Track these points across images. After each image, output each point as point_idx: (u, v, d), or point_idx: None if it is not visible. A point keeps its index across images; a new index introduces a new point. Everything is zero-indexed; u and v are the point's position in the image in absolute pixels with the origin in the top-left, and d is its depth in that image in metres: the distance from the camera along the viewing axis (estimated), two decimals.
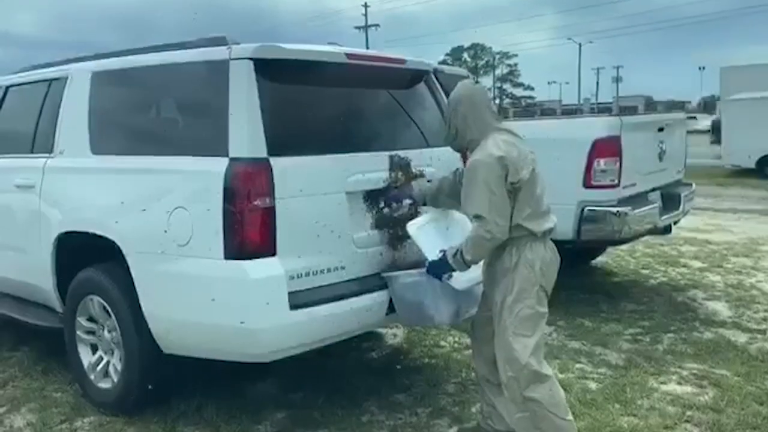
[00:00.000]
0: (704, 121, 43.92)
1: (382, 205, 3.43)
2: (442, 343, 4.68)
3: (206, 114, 3.29)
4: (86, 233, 3.56)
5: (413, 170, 3.52)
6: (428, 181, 3.50)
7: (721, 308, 5.45)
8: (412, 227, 3.30)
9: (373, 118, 3.73)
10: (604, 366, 4.23)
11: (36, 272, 3.98)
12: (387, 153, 3.47)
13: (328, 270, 3.21)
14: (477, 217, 2.91)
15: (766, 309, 5.38)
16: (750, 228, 9.14)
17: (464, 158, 3.11)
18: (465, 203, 3.02)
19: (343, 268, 3.27)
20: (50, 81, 4.15)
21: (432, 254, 3.14)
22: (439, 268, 3.09)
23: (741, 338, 4.70)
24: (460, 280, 3.15)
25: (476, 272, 3.17)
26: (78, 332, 3.75)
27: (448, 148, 3.29)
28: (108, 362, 3.65)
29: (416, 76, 3.94)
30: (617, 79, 73.56)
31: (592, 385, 3.92)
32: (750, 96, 15.85)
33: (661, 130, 5.71)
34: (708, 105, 44.10)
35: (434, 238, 3.26)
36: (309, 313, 3.02)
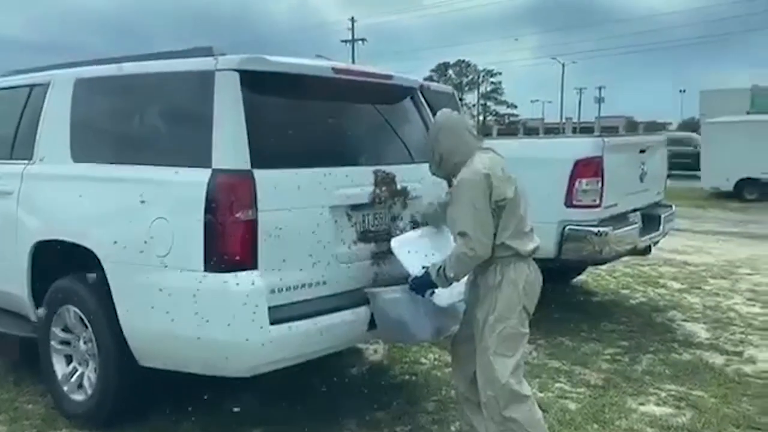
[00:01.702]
0: None
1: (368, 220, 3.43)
2: (423, 360, 4.66)
3: (190, 124, 3.27)
4: (64, 242, 3.50)
5: (398, 186, 3.53)
6: (429, 204, 3.50)
7: (699, 330, 5.50)
8: (395, 243, 3.30)
9: (359, 132, 3.73)
10: (583, 386, 4.23)
11: (11, 280, 3.90)
12: (371, 168, 3.47)
13: (310, 285, 3.19)
14: (461, 234, 2.92)
15: (743, 331, 5.44)
16: (728, 250, 9.26)
17: (450, 185, 3.13)
18: (450, 220, 3.04)
19: (324, 283, 3.24)
20: (32, 86, 4.09)
21: (415, 270, 3.14)
22: (422, 285, 3.09)
23: (718, 360, 4.74)
24: (443, 297, 3.14)
25: (459, 289, 3.17)
26: (52, 342, 3.68)
27: None
28: (82, 374, 3.58)
29: (402, 92, 3.95)
30: (599, 99, 74.39)
31: (571, 405, 3.92)
32: (729, 119, 16.14)
33: (642, 151, 5.78)
34: (688, 127, 44.75)
35: (417, 254, 3.26)
36: (289, 328, 2.98)
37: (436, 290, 3.09)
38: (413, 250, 3.28)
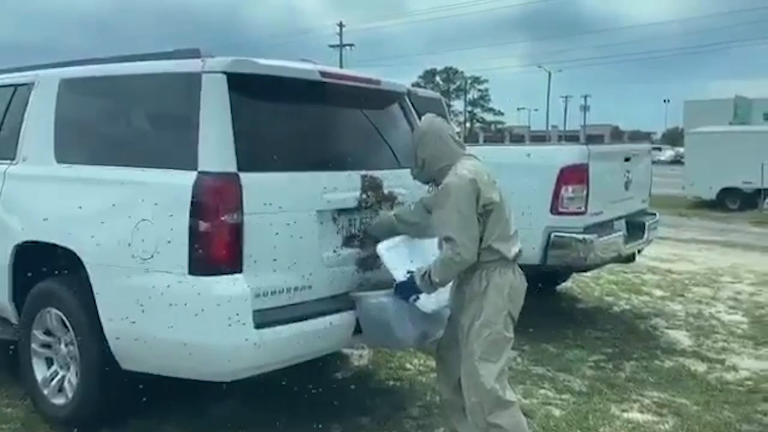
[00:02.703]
0: (668, 152, 45.12)
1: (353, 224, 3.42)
2: (408, 365, 4.65)
3: (176, 126, 3.25)
4: (47, 243, 3.46)
5: (384, 191, 3.52)
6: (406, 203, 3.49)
7: (682, 337, 5.54)
8: (381, 248, 3.29)
9: (346, 137, 3.72)
10: (567, 392, 4.25)
11: None
12: (358, 172, 3.47)
13: (295, 289, 3.17)
14: (447, 239, 2.92)
15: (725, 339, 5.49)
16: (710, 258, 9.35)
17: (437, 185, 3.13)
18: (436, 225, 3.04)
19: (310, 287, 3.23)
20: (16, 86, 4.05)
21: (400, 275, 3.14)
22: (407, 290, 3.08)
23: (701, 367, 4.77)
24: (428, 303, 3.14)
25: (444, 295, 3.17)
26: (33, 345, 3.63)
27: None
28: (63, 377, 3.53)
29: (390, 97, 3.95)
30: (585, 108, 75.06)
31: (556, 412, 3.93)
32: (712, 129, 16.34)
33: (627, 159, 5.82)
34: (672, 136, 45.23)
35: (403, 259, 3.25)
36: (274, 332, 2.96)
37: (420, 296, 3.09)
38: (399, 255, 3.27)
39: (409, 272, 3.10)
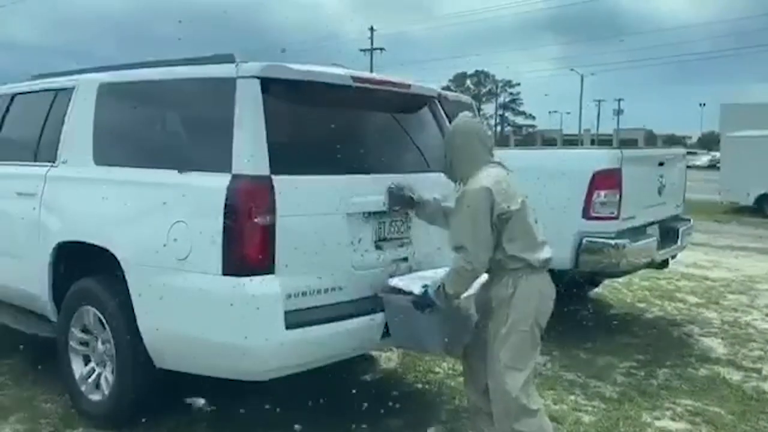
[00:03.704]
0: (704, 157, 44.23)
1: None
2: (437, 369, 4.65)
3: (211, 130, 3.31)
4: (85, 243, 3.55)
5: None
6: (434, 198, 3.50)
7: (717, 345, 5.44)
8: (392, 280, 3.35)
9: (377, 141, 3.75)
10: (597, 398, 4.20)
11: (32, 280, 3.96)
12: (389, 176, 3.49)
13: (326, 290, 3.21)
14: (459, 248, 2.95)
15: (762, 348, 5.37)
16: (747, 265, 9.15)
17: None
18: (451, 232, 3.06)
19: (340, 288, 3.26)
20: (57, 90, 4.17)
21: (416, 289, 3.17)
22: (423, 302, 3.10)
23: (736, 376, 4.68)
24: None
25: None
26: (71, 343, 3.72)
27: None
28: (100, 374, 3.62)
29: (421, 101, 3.97)
30: (618, 112, 74.06)
31: (586, 418, 3.89)
32: (749, 134, 15.96)
33: (661, 164, 5.74)
34: (707, 141, 44.33)
35: (415, 280, 3.29)
36: (304, 333, 3.01)
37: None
38: (412, 278, 3.33)
39: (424, 286, 3.13)
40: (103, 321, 3.51)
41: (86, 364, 3.70)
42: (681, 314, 6.46)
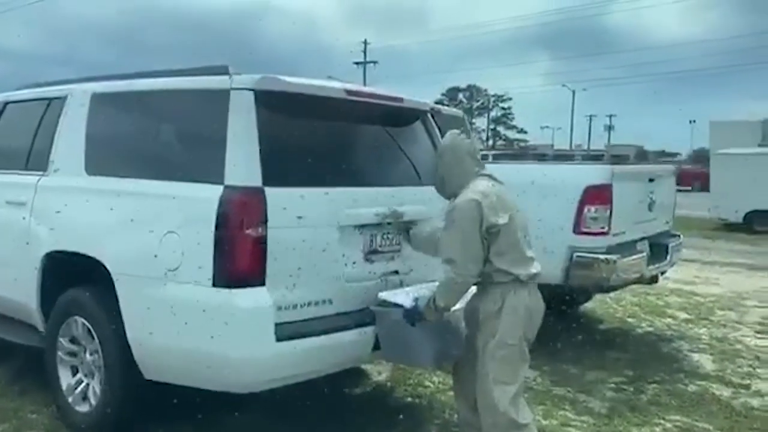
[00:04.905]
0: None
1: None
2: (427, 382, 4.64)
3: (204, 141, 3.31)
4: (75, 253, 3.53)
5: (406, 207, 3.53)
6: (422, 223, 3.52)
7: (706, 361, 5.45)
8: (382, 294, 3.34)
9: (369, 154, 3.76)
10: (587, 414, 4.20)
11: (20, 289, 3.93)
12: (381, 189, 3.49)
13: (317, 303, 3.21)
14: (448, 261, 2.96)
15: (751, 364, 5.39)
16: (736, 282, 9.19)
17: None
18: (440, 246, 3.08)
19: (331, 301, 3.26)
20: (50, 99, 4.16)
21: (407, 302, 3.17)
22: (413, 315, 3.10)
23: (725, 392, 4.70)
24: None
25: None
26: (59, 353, 3.69)
27: None
28: (87, 385, 3.59)
29: (413, 114, 3.99)
30: (609, 127, 74.49)
31: None
32: (738, 151, 16.10)
33: (651, 180, 5.79)
34: (698, 157, 44.66)
35: (406, 294, 3.29)
36: (295, 345, 3.00)
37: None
38: (403, 292, 3.32)
39: (415, 299, 3.14)
40: (92, 331, 3.48)
41: (74, 375, 3.67)
42: (670, 330, 6.48)
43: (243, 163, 3.03)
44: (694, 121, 75.73)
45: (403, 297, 3.24)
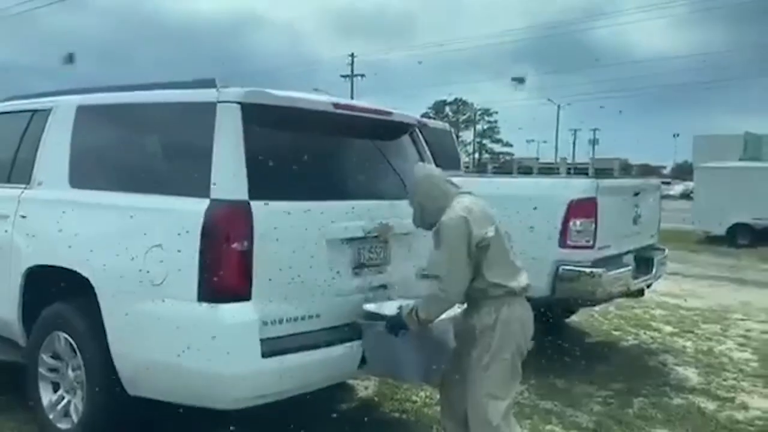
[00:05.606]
0: (677, 187, 44.95)
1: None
2: (414, 397, 4.61)
3: (190, 154, 3.29)
4: (58, 267, 3.49)
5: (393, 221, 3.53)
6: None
7: (692, 374, 5.48)
8: (367, 306, 3.34)
9: (357, 167, 3.75)
10: (574, 428, 4.20)
11: (1, 304, 3.87)
12: (368, 202, 3.49)
13: (303, 317, 3.18)
14: (435, 277, 2.96)
15: (735, 377, 5.42)
16: (720, 295, 9.27)
17: None
18: (428, 264, 3.09)
19: (318, 316, 3.24)
20: (34, 112, 4.12)
21: (390, 312, 3.17)
22: (395, 324, 3.09)
23: (710, 405, 4.71)
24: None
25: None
26: (40, 369, 3.63)
27: None
28: (69, 402, 3.53)
29: (401, 128, 4.00)
30: (594, 141, 75.14)
31: None
32: (721, 165, 16.32)
33: (636, 194, 5.82)
34: (681, 171, 45.15)
35: (392, 304, 3.29)
36: (281, 361, 2.97)
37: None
38: (389, 303, 3.33)
39: (398, 308, 3.13)
40: (75, 347, 3.43)
41: (55, 391, 3.61)
42: (656, 343, 6.50)
43: (229, 177, 3.02)
44: (678, 135, 76.69)
45: (389, 309, 3.23)
